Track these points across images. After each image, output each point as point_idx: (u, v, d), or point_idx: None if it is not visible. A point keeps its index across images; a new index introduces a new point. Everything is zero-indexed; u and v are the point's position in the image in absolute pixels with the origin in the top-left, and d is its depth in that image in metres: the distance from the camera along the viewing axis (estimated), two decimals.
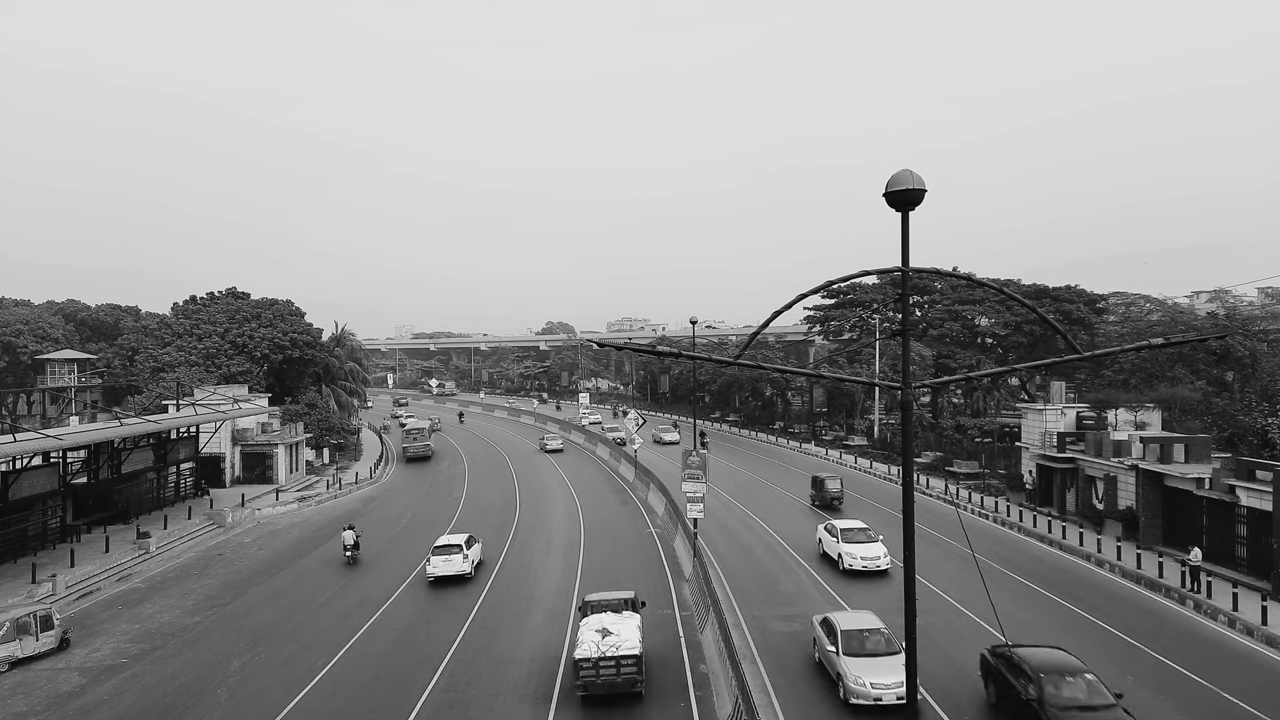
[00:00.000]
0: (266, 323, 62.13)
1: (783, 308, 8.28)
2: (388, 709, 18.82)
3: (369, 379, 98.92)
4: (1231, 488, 28.30)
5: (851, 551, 28.98)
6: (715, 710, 18.18)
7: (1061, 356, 34.99)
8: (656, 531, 36.87)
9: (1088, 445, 37.69)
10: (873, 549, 28.84)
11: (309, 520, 43.13)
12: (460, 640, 23.33)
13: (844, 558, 28.97)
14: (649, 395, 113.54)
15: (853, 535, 29.95)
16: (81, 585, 29.93)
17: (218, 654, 23.00)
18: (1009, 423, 55.72)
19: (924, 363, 65.87)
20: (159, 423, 42.48)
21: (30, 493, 33.28)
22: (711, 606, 22.69)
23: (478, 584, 29.27)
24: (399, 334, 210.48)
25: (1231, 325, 51.42)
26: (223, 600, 28.65)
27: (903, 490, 8.65)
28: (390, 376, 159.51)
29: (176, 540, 37.31)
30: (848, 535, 29.86)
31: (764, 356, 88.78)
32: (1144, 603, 26.03)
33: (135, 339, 72.94)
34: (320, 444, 62.02)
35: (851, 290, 69.42)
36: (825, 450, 63.09)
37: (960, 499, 42.98)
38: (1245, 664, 20.81)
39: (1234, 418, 42.55)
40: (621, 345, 9.38)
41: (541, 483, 51.83)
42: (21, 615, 22.79)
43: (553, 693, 19.45)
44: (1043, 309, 54.33)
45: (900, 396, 8.68)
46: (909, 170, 8.26)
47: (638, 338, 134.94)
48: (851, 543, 29.41)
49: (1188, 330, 51.00)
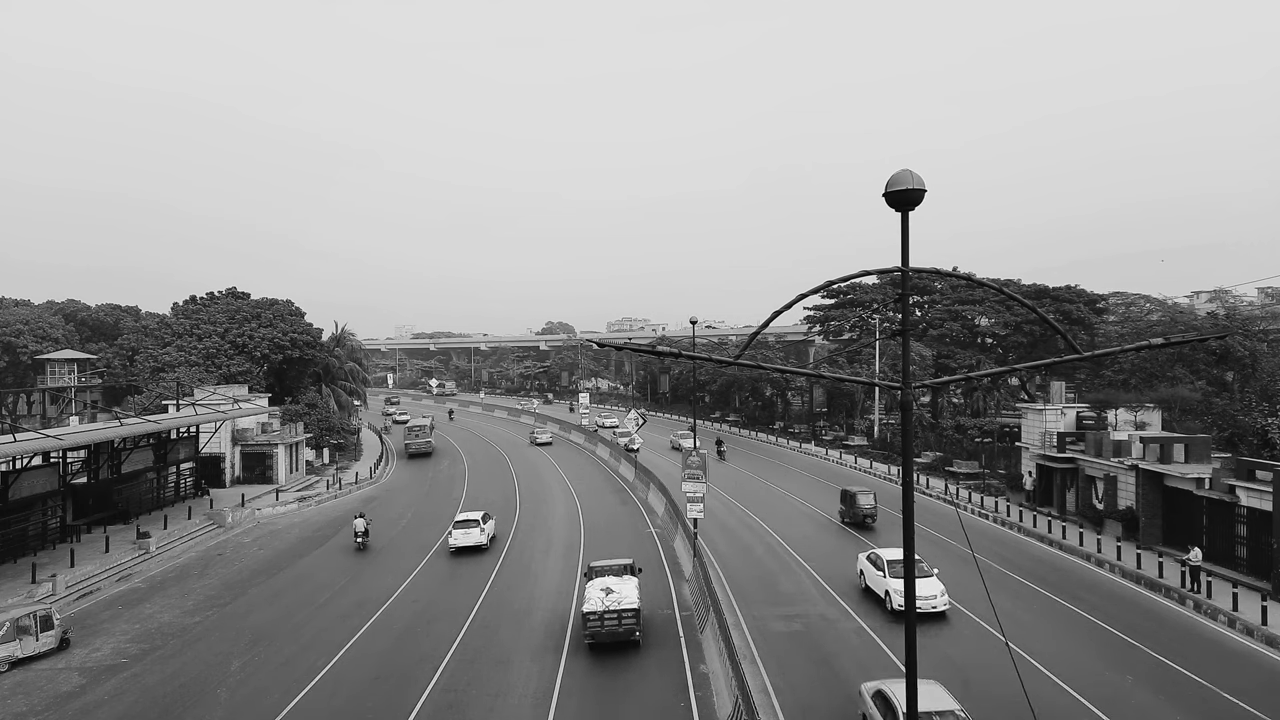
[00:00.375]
0: (266, 323, 62.14)
1: (783, 308, 8.28)
2: (385, 715, 18.83)
3: (369, 379, 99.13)
4: (1231, 488, 28.30)
5: (900, 589, 24.24)
6: (715, 710, 18.19)
7: (1061, 356, 34.98)
8: (656, 531, 36.87)
9: (1088, 445, 37.70)
10: (927, 586, 24.48)
11: (309, 520, 43.13)
12: (460, 640, 23.33)
13: (892, 596, 24.79)
14: (649, 395, 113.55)
15: (899, 567, 25.36)
16: (81, 585, 29.94)
17: (218, 654, 23.00)
18: (1009, 423, 55.72)
19: (924, 363, 65.88)
20: (159, 423, 42.48)
21: (30, 493, 33.28)
22: (711, 606, 22.69)
23: (477, 584, 29.26)
24: (399, 334, 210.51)
25: (1231, 325, 51.42)
26: (223, 600, 28.66)
27: (903, 490, 8.66)
28: (390, 376, 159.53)
29: (176, 540, 37.31)
30: (895, 568, 25.47)
31: (764, 356, 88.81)
32: (1144, 603, 26.03)
33: (135, 339, 72.94)
34: (320, 444, 62.04)
35: (851, 290, 69.42)
36: (825, 450, 63.10)
37: (960, 499, 42.99)
38: (1245, 664, 20.82)
39: (1234, 418, 42.55)
40: (621, 345, 9.39)
41: (541, 483, 51.83)
42: (21, 615, 22.80)
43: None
44: (1043, 309, 54.34)
45: (900, 396, 8.68)
46: (909, 170, 8.27)
47: (638, 338, 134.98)
48: (899, 576, 24.84)
49: (1188, 330, 50.99)
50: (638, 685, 19.87)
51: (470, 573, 30.87)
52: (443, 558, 33.54)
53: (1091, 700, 18.29)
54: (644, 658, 21.56)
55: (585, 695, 19.34)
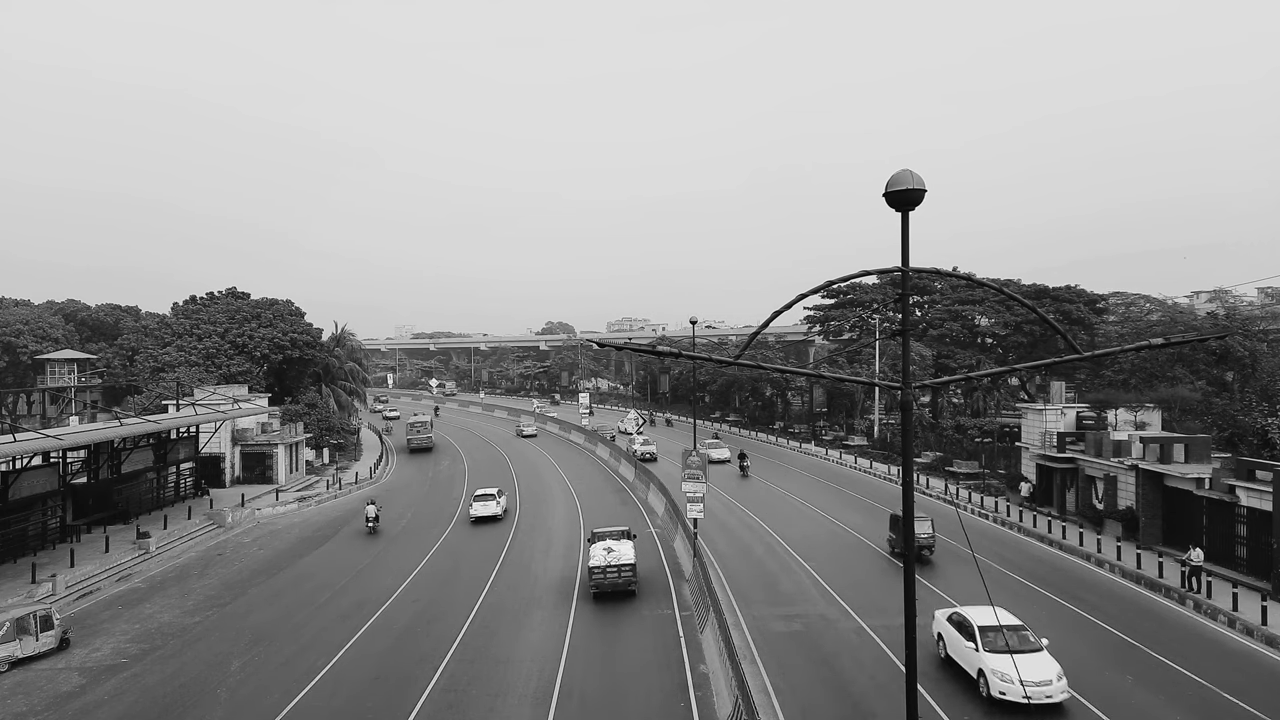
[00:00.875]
0: (266, 323, 62.15)
1: (783, 308, 8.28)
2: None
3: (369, 379, 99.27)
4: (1231, 488, 28.30)
5: (1003, 670, 17.94)
6: (715, 710, 18.19)
7: (1061, 356, 34.96)
8: (656, 532, 36.87)
9: (1088, 445, 37.70)
10: (1038, 666, 18.04)
11: (309, 520, 43.14)
12: (460, 640, 23.33)
13: (990, 678, 18.21)
14: (649, 395, 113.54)
15: (999, 638, 18.82)
16: (81, 585, 29.94)
17: (218, 654, 23.00)
18: (1009, 423, 55.73)
19: (924, 363, 65.87)
20: (159, 423, 42.48)
21: (30, 493, 33.29)
22: (711, 606, 22.69)
23: (477, 584, 29.24)
24: (399, 334, 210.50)
25: (1231, 325, 51.42)
26: (223, 600, 28.66)
27: (903, 490, 8.66)
28: (390, 376, 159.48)
29: (176, 540, 37.31)
30: (992, 638, 18.93)
31: (764, 356, 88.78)
32: (1144, 602, 26.03)
33: (135, 339, 72.95)
34: (320, 444, 62.05)
35: (851, 290, 69.42)
36: (825, 450, 63.11)
37: (960, 499, 42.99)
38: (1245, 664, 20.82)
39: (1234, 418, 42.55)
40: (621, 345, 9.38)
41: (542, 483, 51.82)
42: (21, 615, 22.80)
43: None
44: (1043, 309, 54.34)
45: (900, 396, 8.68)
46: (909, 170, 8.26)
47: (638, 338, 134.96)
48: (999, 651, 18.41)
49: (1188, 330, 51.00)
50: (632, 686, 19.88)
51: (471, 573, 30.86)
52: (444, 557, 33.56)
53: (1092, 700, 18.28)
54: (644, 660, 21.58)
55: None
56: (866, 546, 33.11)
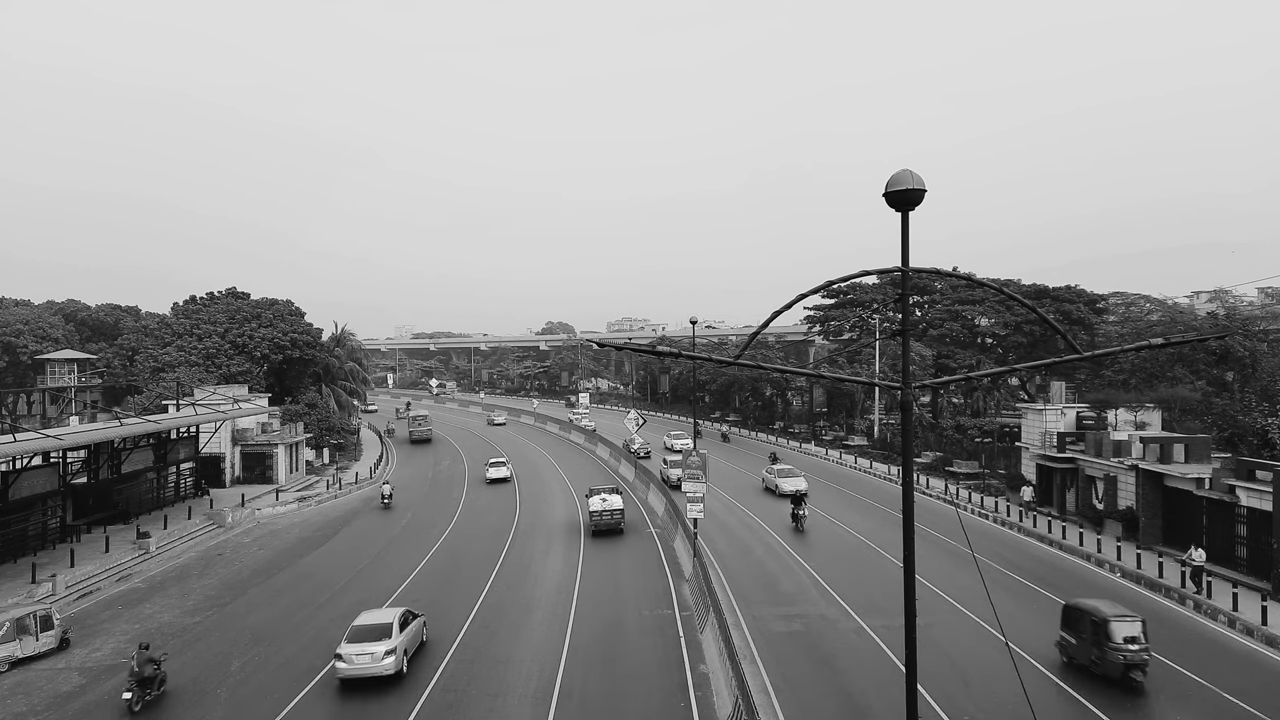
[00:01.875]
0: (266, 323, 62.17)
1: (783, 308, 8.27)
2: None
3: (369, 379, 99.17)
4: (1231, 488, 28.31)
5: None
6: (715, 710, 18.19)
7: (1061, 356, 35.00)
8: (656, 532, 36.87)
9: (1088, 445, 37.71)
10: None
11: (309, 520, 43.14)
12: (456, 648, 23.33)
13: None
14: (649, 395, 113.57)
15: None
16: (81, 585, 29.94)
17: (218, 654, 23.00)
18: (1009, 423, 55.75)
19: (924, 363, 65.90)
20: (159, 423, 42.49)
21: (30, 493, 33.29)
22: (711, 606, 22.69)
23: (477, 584, 29.25)
24: (399, 334, 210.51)
25: (1231, 325, 51.42)
26: (223, 600, 28.66)
27: (903, 490, 8.66)
28: (390, 376, 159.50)
29: (176, 540, 37.32)
30: None
31: (764, 356, 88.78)
32: (1144, 603, 26.00)
33: (135, 339, 72.97)
34: (320, 444, 62.06)
35: (851, 290, 69.43)
36: (825, 450, 63.12)
37: (960, 499, 43.00)
38: (1245, 664, 20.82)
39: (1234, 418, 42.56)
40: (621, 345, 9.38)
41: (541, 483, 51.84)
42: (21, 615, 22.79)
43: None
44: (1043, 309, 54.35)
45: (900, 396, 8.68)
46: (909, 170, 8.25)
47: (638, 338, 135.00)
48: None
49: (1188, 330, 51.02)
50: (633, 687, 19.89)
51: (471, 572, 30.85)
52: (444, 557, 33.59)
53: (1092, 700, 18.29)
54: (644, 660, 21.53)
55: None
56: (867, 546, 33.16)
